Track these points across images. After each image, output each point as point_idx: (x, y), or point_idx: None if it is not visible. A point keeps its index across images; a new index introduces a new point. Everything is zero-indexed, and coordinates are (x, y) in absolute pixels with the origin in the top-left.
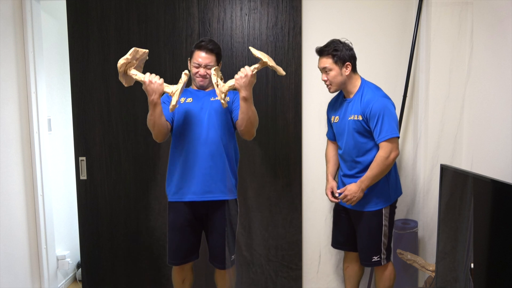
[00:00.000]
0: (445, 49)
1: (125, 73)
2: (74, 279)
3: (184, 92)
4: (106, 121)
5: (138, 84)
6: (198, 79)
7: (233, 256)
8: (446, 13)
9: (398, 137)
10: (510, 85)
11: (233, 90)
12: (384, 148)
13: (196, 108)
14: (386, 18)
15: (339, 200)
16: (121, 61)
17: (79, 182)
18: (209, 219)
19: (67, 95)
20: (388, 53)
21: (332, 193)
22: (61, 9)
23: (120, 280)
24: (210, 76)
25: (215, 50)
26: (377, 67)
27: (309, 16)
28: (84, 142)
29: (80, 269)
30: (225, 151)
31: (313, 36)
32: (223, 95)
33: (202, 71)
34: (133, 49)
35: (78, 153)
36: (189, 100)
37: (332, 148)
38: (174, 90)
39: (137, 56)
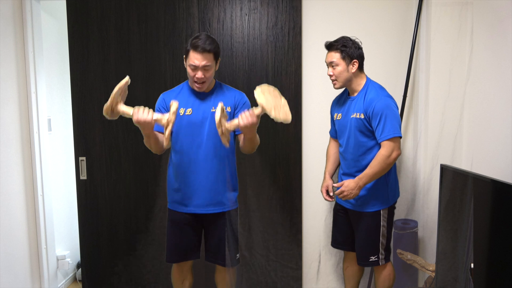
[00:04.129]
0: (445, 49)
1: (112, 111)
2: (74, 279)
3: (182, 94)
4: (106, 121)
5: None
6: (196, 85)
7: (237, 255)
8: (446, 13)
9: (401, 137)
10: (510, 85)
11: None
12: (386, 147)
13: (196, 121)
14: (386, 18)
15: (333, 199)
16: (107, 104)
17: (79, 182)
18: (211, 219)
19: (67, 95)
20: (388, 53)
21: (327, 192)
22: (61, 9)
23: (120, 280)
24: (208, 79)
25: (212, 49)
26: (377, 67)
27: (309, 16)
28: (84, 142)
29: (80, 269)
30: (227, 164)
31: (313, 36)
32: (225, 138)
33: (199, 74)
34: (116, 88)
35: (78, 153)
36: (189, 111)
37: (333, 146)
38: (166, 121)
39: (122, 90)
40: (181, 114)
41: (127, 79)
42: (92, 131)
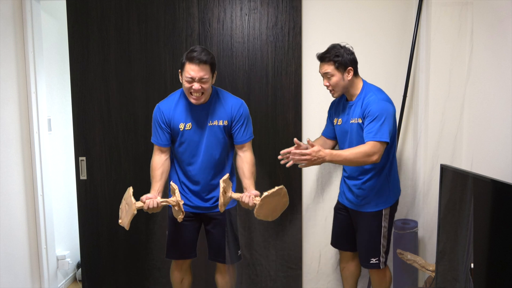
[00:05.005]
0: (445, 49)
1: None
2: (74, 279)
3: (179, 107)
4: (106, 121)
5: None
6: (193, 98)
7: (239, 251)
8: (446, 13)
9: (388, 143)
10: (510, 85)
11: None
12: (372, 147)
13: (195, 134)
14: (386, 18)
15: (288, 161)
16: (129, 221)
17: (79, 182)
18: (210, 217)
19: (67, 95)
20: (388, 53)
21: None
22: (61, 9)
23: (120, 280)
24: (206, 91)
25: (208, 60)
26: (377, 67)
27: (309, 16)
28: (84, 142)
29: (80, 269)
30: (224, 168)
31: (313, 36)
32: (223, 208)
33: (196, 85)
34: (124, 201)
35: (78, 153)
36: (188, 126)
37: (320, 139)
38: (173, 203)
39: (127, 198)
40: (181, 130)
41: (131, 192)
42: (92, 131)
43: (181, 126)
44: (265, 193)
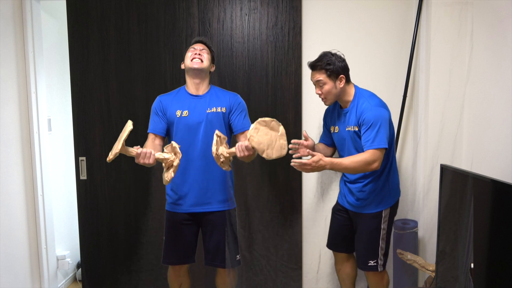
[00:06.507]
0: (445, 49)
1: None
2: (74, 279)
3: (178, 96)
4: (106, 121)
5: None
6: (194, 63)
7: (238, 256)
8: (446, 13)
9: (386, 148)
10: (510, 85)
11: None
12: (371, 155)
13: (192, 122)
14: (386, 18)
15: (295, 152)
16: (118, 150)
17: (79, 182)
18: (208, 218)
19: (67, 95)
20: (388, 53)
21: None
22: (61, 9)
23: (120, 280)
24: (206, 61)
25: (209, 45)
26: (377, 67)
27: (309, 16)
28: (84, 142)
29: (80, 269)
30: (223, 170)
31: (313, 36)
32: (225, 165)
33: (198, 51)
34: (124, 135)
35: (78, 153)
36: (185, 113)
37: (320, 145)
38: (168, 155)
39: (125, 133)
40: (178, 116)
41: (131, 126)
42: (92, 131)
43: (178, 113)
44: (260, 119)
